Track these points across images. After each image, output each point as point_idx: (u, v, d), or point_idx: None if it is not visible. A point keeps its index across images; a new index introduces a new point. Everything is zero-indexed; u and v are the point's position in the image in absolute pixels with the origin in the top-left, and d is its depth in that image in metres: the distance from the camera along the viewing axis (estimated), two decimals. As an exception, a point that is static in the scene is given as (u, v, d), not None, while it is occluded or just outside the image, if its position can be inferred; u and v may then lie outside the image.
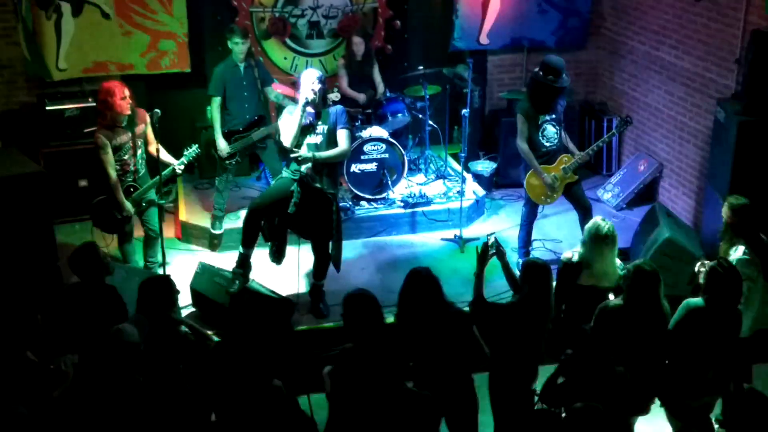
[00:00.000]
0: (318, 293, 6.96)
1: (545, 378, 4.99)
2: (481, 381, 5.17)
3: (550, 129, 7.17)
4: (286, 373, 4.77)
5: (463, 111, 8.23)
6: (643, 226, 7.36)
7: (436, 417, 4.49)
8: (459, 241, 8.05)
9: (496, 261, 5.52)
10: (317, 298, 6.96)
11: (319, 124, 6.62)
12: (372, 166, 8.39)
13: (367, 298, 4.72)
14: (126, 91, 6.74)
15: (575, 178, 7.31)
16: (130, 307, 5.37)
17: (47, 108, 8.20)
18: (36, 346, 4.93)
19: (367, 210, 8.37)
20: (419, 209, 8.38)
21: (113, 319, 4.87)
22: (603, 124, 9.50)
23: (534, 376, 5.19)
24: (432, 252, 8.03)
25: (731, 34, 7.49)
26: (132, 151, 6.84)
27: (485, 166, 9.22)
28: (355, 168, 8.33)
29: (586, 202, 7.36)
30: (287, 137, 6.55)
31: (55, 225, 6.90)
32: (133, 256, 7.27)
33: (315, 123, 6.62)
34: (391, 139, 8.40)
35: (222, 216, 7.96)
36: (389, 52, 9.49)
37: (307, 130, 6.59)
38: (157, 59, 8.69)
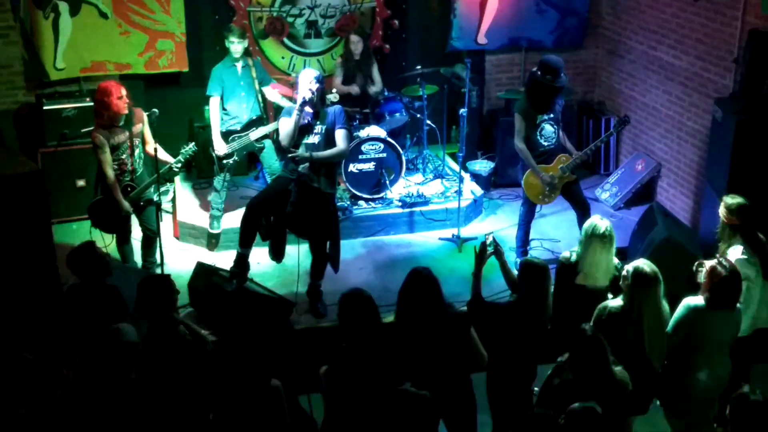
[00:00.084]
0: (316, 293, 6.96)
1: (544, 378, 4.99)
2: (479, 380, 5.17)
3: (548, 128, 7.17)
4: (286, 372, 4.77)
5: (461, 110, 8.23)
6: (641, 226, 7.35)
7: (435, 417, 4.49)
8: (457, 241, 8.05)
9: (494, 260, 5.53)
10: (315, 298, 6.96)
11: (317, 124, 6.62)
12: (370, 166, 8.39)
13: (363, 298, 4.72)
14: (123, 91, 6.73)
15: (573, 177, 7.32)
16: (129, 307, 5.37)
17: (45, 108, 8.19)
18: (35, 347, 4.92)
19: (365, 210, 8.36)
20: (417, 209, 8.38)
21: (114, 319, 4.86)
22: (601, 123, 9.51)
23: (533, 376, 5.19)
24: (430, 251, 8.03)
25: (729, 33, 7.49)
26: (129, 151, 6.84)
27: (483, 166, 9.22)
28: (353, 168, 8.32)
29: (585, 202, 7.36)
30: (285, 137, 6.55)
31: (53, 225, 6.88)
32: (131, 256, 7.27)
33: (313, 123, 6.62)
34: (389, 139, 8.40)
35: (220, 215, 7.95)
36: (387, 51, 9.49)
37: (305, 130, 6.59)
38: (155, 59, 8.68)
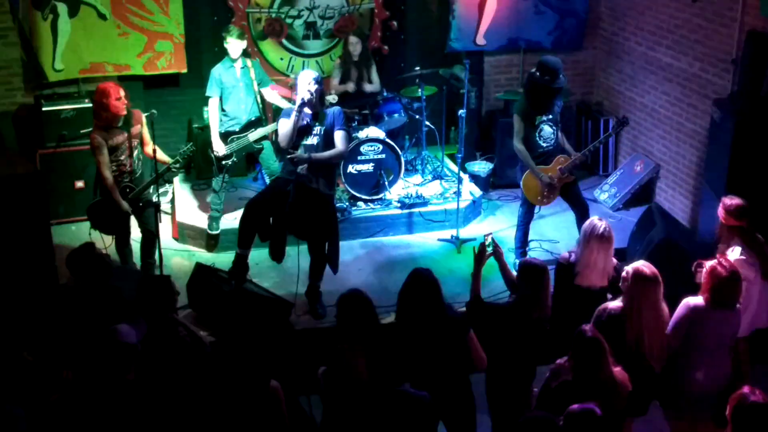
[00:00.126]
0: (315, 294, 6.96)
1: (543, 378, 4.99)
2: (478, 380, 5.17)
3: (547, 129, 7.17)
4: (286, 373, 4.77)
5: (460, 112, 8.23)
6: (640, 227, 7.35)
7: (433, 418, 4.49)
8: (456, 242, 8.05)
9: (493, 261, 5.53)
10: (314, 299, 6.95)
11: (316, 126, 6.62)
12: (369, 167, 8.39)
13: (361, 299, 4.71)
14: (121, 92, 6.73)
15: (572, 178, 7.32)
16: (129, 308, 5.36)
17: (44, 109, 8.19)
18: (34, 348, 4.92)
19: (364, 211, 8.36)
20: (416, 210, 8.38)
21: (113, 320, 4.85)
22: (600, 124, 9.52)
23: (532, 377, 5.19)
24: (429, 252, 8.03)
25: (727, 34, 7.50)
26: (128, 152, 6.83)
27: (482, 167, 9.22)
28: (352, 169, 8.32)
29: (583, 203, 7.36)
30: (284, 138, 6.55)
31: (51, 226, 6.88)
32: (130, 257, 7.26)
33: (312, 124, 6.62)
34: (387, 140, 8.40)
35: (219, 217, 7.95)
36: (386, 52, 9.49)
37: (304, 131, 6.59)
38: (154, 60, 8.68)
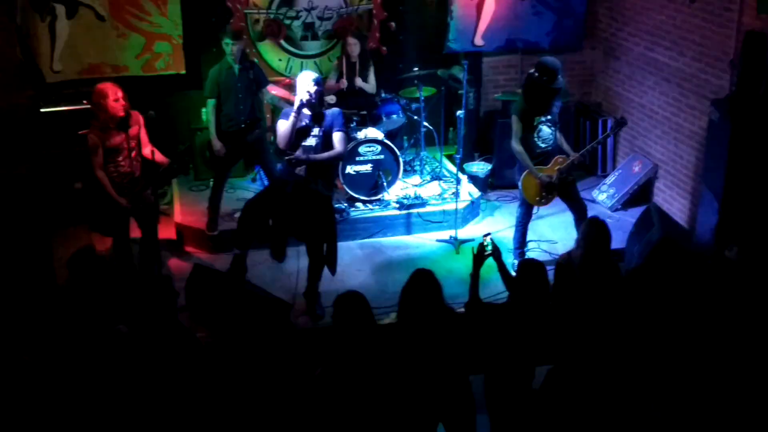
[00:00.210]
0: (313, 295, 6.96)
1: (542, 378, 4.99)
2: (476, 380, 5.17)
3: (546, 130, 7.18)
4: (286, 373, 4.78)
5: (458, 112, 8.24)
6: (638, 227, 7.36)
7: (433, 419, 4.49)
8: (454, 243, 8.05)
9: (491, 262, 5.53)
10: (313, 300, 6.95)
11: (315, 127, 6.62)
12: (367, 168, 8.39)
13: (358, 300, 4.71)
14: (119, 93, 6.71)
15: (570, 179, 7.32)
16: (128, 309, 5.36)
17: (42, 110, 8.18)
18: (33, 350, 4.93)
19: (362, 211, 8.36)
20: (414, 211, 8.38)
21: (113, 321, 4.86)
22: (598, 125, 9.52)
23: (530, 377, 5.19)
24: (427, 253, 8.03)
25: (726, 35, 7.51)
26: (126, 153, 6.82)
27: (480, 168, 9.22)
28: (350, 170, 8.33)
29: (582, 203, 7.37)
30: (282, 139, 6.55)
31: (50, 228, 6.89)
32: (129, 258, 7.25)
33: (311, 125, 6.62)
34: (386, 141, 8.40)
35: (217, 217, 7.95)
36: (384, 53, 9.49)
37: (303, 132, 6.59)
38: (153, 61, 8.68)
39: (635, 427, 5.09)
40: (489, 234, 5.62)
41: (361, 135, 8.37)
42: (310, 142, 6.61)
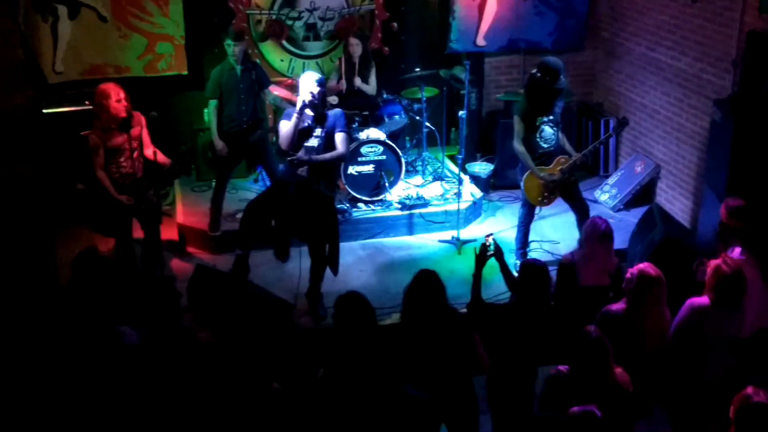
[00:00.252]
0: (315, 295, 6.96)
1: (544, 379, 4.99)
2: (478, 380, 5.17)
3: (548, 130, 7.17)
4: (287, 373, 4.78)
5: (461, 113, 8.24)
6: (640, 227, 7.36)
7: (435, 421, 4.48)
8: (456, 243, 8.05)
9: (493, 262, 5.53)
10: (315, 300, 6.96)
11: (318, 128, 6.63)
12: (369, 168, 8.40)
13: (359, 301, 4.71)
14: (121, 94, 6.72)
15: (572, 179, 7.32)
16: (131, 310, 5.37)
17: (44, 111, 8.18)
18: (35, 351, 4.93)
19: (364, 212, 8.37)
20: (417, 211, 8.38)
21: (116, 322, 4.87)
22: (600, 125, 9.52)
23: (533, 378, 5.19)
24: (429, 254, 8.03)
25: (727, 35, 7.50)
26: (128, 154, 6.83)
27: (482, 168, 9.22)
28: (352, 170, 8.33)
29: (584, 204, 7.36)
30: (284, 140, 6.55)
31: (53, 229, 6.89)
32: (132, 259, 7.26)
33: (313, 126, 6.62)
34: (388, 141, 8.40)
35: (219, 218, 7.95)
36: (387, 53, 9.49)
37: (305, 132, 6.60)
38: (155, 62, 8.69)
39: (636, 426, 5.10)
40: (491, 234, 5.61)
41: (363, 135, 8.38)
42: (313, 142, 6.61)
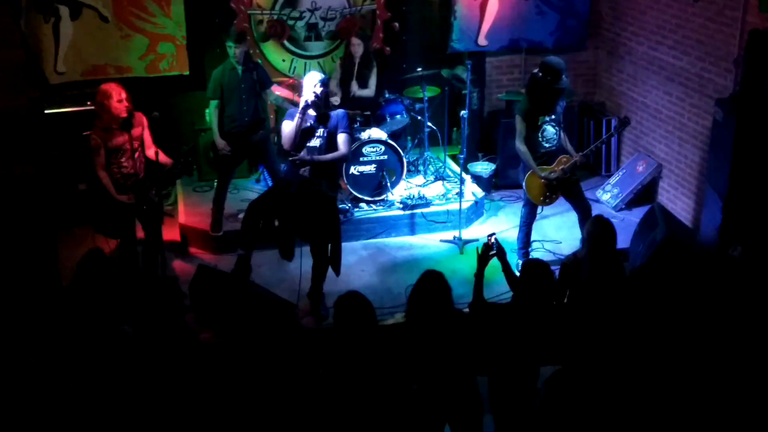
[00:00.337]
0: (317, 295, 6.96)
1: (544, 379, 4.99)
2: (480, 380, 5.17)
3: (550, 130, 7.17)
4: (291, 373, 4.78)
5: (462, 112, 8.23)
6: (642, 227, 7.36)
7: (438, 420, 4.49)
8: (458, 243, 8.05)
9: (495, 262, 5.53)
10: (317, 300, 6.95)
11: (320, 127, 6.63)
12: (371, 168, 8.40)
13: (359, 301, 4.71)
14: (123, 94, 6.72)
15: (574, 178, 7.32)
16: (134, 310, 5.37)
17: (46, 111, 8.20)
18: (37, 351, 4.93)
19: (366, 212, 8.37)
20: (418, 211, 8.38)
21: (121, 323, 4.87)
22: (602, 124, 9.52)
23: (535, 377, 5.19)
24: (431, 254, 8.03)
25: (729, 34, 7.50)
26: (129, 154, 6.83)
27: (484, 168, 9.22)
28: (354, 170, 8.33)
29: (586, 203, 7.36)
30: (287, 140, 6.56)
31: (55, 229, 6.90)
32: (135, 260, 7.26)
33: (315, 126, 6.62)
34: (390, 141, 8.40)
35: (221, 218, 7.96)
36: (388, 53, 9.49)
37: (307, 133, 6.60)
38: (156, 62, 8.70)
39: (638, 427, 5.09)
40: (493, 234, 5.61)
41: (364, 135, 8.38)
42: (315, 142, 6.62)
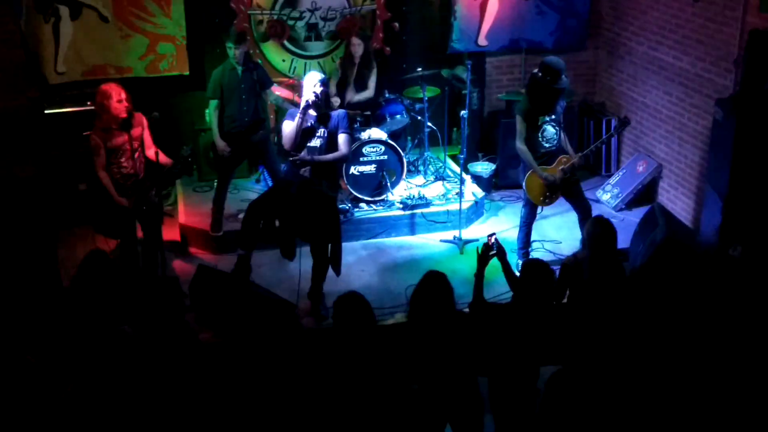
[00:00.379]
0: (318, 295, 6.96)
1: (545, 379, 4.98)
2: (480, 381, 5.17)
3: (550, 130, 7.17)
4: (291, 373, 4.78)
5: (462, 112, 8.23)
6: (643, 227, 7.36)
7: (439, 420, 4.49)
8: (458, 243, 8.05)
9: (495, 262, 5.53)
10: (317, 301, 6.96)
11: (320, 128, 6.63)
12: (371, 168, 8.40)
13: (358, 301, 4.71)
14: (123, 94, 6.72)
15: (574, 178, 7.32)
16: (135, 310, 5.36)
17: (46, 112, 8.19)
18: (37, 351, 4.93)
19: (366, 212, 8.37)
20: (418, 211, 8.38)
21: (121, 323, 4.87)
22: (602, 124, 9.52)
23: (535, 377, 5.19)
24: (431, 254, 8.03)
25: (729, 34, 7.50)
26: (129, 154, 6.83)
27: (484, 168, 9.22)
28: (354, 170, 8.33)
29: (586, 203, 7.36)
30: (287, 140, 6.56)
31: (55, 230, 6.90)
32: (135, 260, 7.26)
33: (316, 126, 6.62)
34: (390, 141, 8.40)
35: (221, 218, 7.96)
36: (388, 53, 9.49)
37: (308, 133, 6.60)
38: (156, 62, 8.69)
39: (638, 427, 5.09)
40: (494, 234, 5.61)
41: (364, 135, 8.38)
42: (315, 143, 6.62)
